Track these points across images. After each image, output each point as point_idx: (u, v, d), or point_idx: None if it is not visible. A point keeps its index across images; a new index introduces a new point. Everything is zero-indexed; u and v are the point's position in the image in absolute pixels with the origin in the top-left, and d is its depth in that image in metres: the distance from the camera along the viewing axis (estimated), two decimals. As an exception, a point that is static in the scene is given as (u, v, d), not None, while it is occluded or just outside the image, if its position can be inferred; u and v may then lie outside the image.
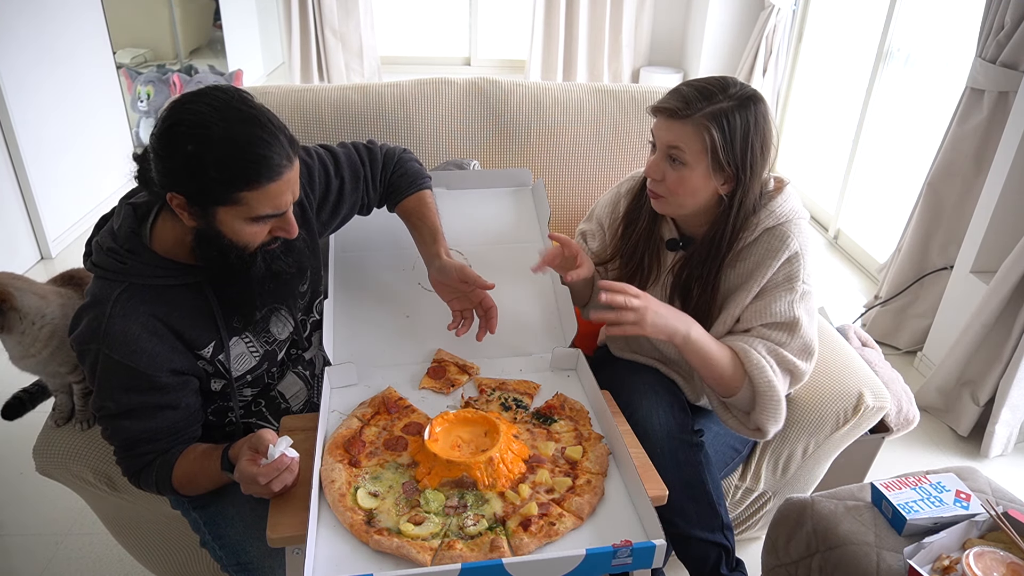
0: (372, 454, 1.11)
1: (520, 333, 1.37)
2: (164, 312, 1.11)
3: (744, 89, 1.20)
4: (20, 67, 2.97)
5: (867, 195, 3.32)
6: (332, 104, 1.83)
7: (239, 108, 1.00)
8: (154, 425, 1.12)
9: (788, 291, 1.26)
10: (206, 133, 0.97)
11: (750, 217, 1.26)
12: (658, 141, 1.24)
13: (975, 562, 1.08)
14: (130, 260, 1.10)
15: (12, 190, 3.02)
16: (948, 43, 2.80)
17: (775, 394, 1.24)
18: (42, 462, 1.35)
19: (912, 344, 2.64)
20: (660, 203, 1.29)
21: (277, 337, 1.27)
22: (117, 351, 1.07)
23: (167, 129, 0.99)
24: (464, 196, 1.56)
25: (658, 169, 1.24)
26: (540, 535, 0.96)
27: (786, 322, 1.26)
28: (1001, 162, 2.15)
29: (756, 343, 1.26)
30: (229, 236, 1.05)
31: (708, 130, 1.17)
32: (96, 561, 1.82)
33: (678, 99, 1.19)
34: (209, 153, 0.97)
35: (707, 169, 1.20)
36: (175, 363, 1.12)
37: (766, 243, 1.26)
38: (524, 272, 1.44)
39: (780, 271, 1.26)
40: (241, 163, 0.98)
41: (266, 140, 0.99)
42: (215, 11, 4.21)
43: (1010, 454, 2.23)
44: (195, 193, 1.01)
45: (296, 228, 1.11)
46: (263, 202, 1.02)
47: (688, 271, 1.32)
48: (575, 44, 4.54)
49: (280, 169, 1.01)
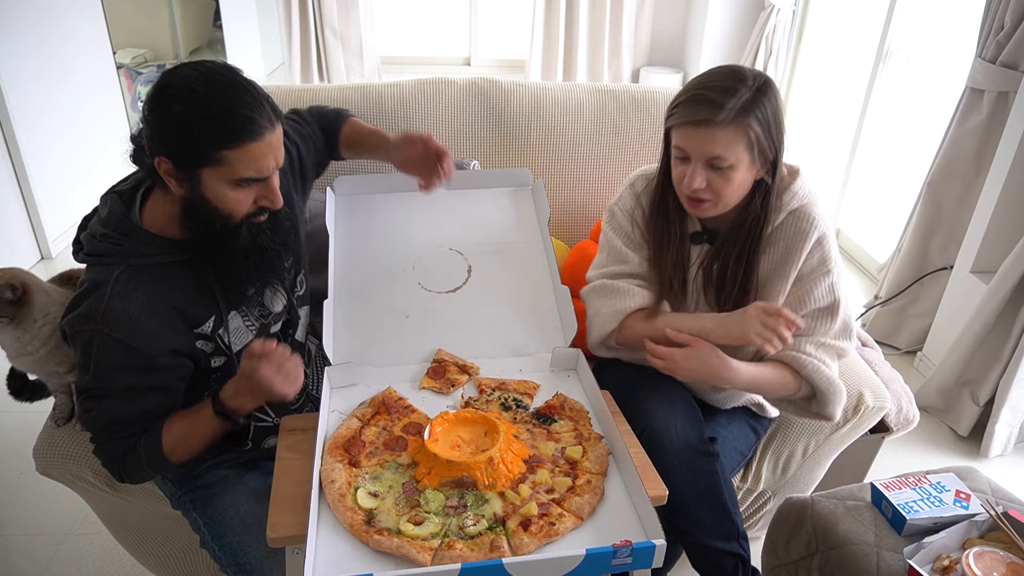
0: (372, 454, 1.11)
1: (520, 333, 1.37)
2: (163, 290, 1.13)
3: (756, 74, 1.19)
4: (20, 67, 2.97)
5: (867, 195, 3.32)
6: (332, 104, 1.82)
7: (224, 74, 1.05)
8: (144, 407, 1.13)
9: (824, 274, 1.28)
10: (192, 95, 1.02)
11: (776, 200, 1.27)
12: (692, 152, 1.20)
13: (975, 562, 1.08)
14: (125, 242, 1.12)
15: (12, 190, 3.02)
16: (948, 43, 2.80)
17: (834, 387, 1.28)
18: (42, 462, 1.35)
19: (912, 344, 2.64)
20: (704, 208, 1.25)
21: (272, 310, 1.29)
22: (117, 330, 1.08)
23: (156, 92, 1.04)
24: (464, 196, 1.56)
25: (700, 179, 1.20)
26: (540, 535, 0.96)
27: (827, 306, 1.29)
28: (1001, 162, 2.15)
29: (803, 344, 1.28)
30: (214, 202, 1.08)
31: (748, 127, 1.16)
32: (96, 561, 1.82)
33: (708, 106, 1.16)
34: (194, 113, 1.01)
35: (749, 162, 1.20)
36: (174, 343, 1.13)
37: (793, 225, 1.28)
38: (524, 272, 1.44)
39: (813, 255, 1.28)
40: (224, 121, 1.02)
41: (249, 103, 1.04)
42: (215, 11, 4.20)
43: (1010, 454, 2.23)
44: (181, 154, 1.04)
45: (280, 198, 1.13)
46: (245, 163, 1.05)
47: (720, 263, 1.30)
48: (575, 44, 4.54)
49: (261, 130, 1.04)
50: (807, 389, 1.30)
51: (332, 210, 1.47)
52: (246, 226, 1.13)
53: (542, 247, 1.48)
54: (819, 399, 1.30)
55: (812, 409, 1.34)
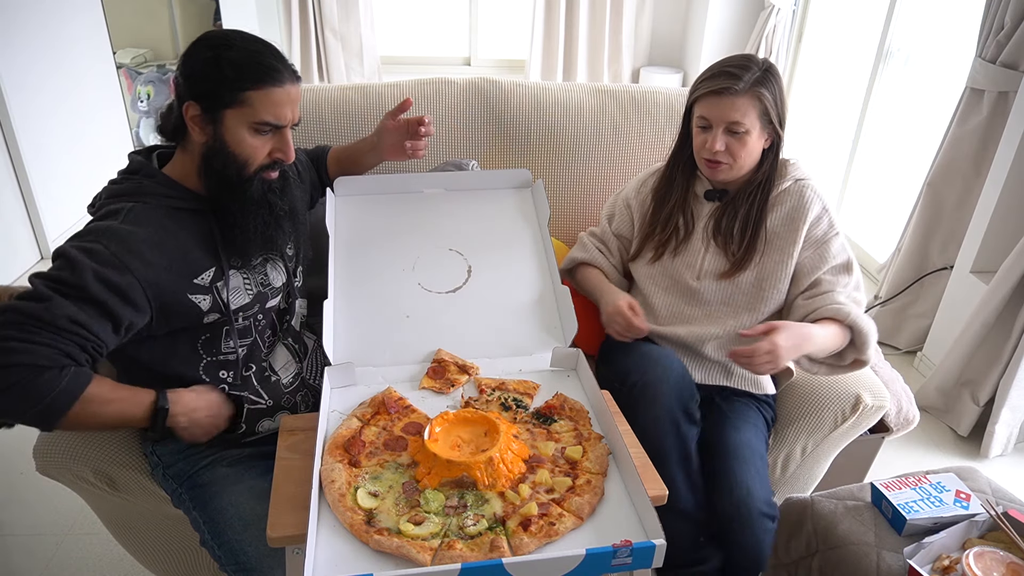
0: (372, 454, 1.11)
1: (520, 333, 1.37)
2: (172, 230, 1.18)
3: (763, 60, 1.42)
4: (20, 67, 2.97)
5: (867, 195, 3.32)
6: (332, 104, 1.83)
7: (255, 37, 1.19)
8: (95, 328, 1.07)
9: (835, 235, 1.46)
10: (225, 42, 1.15)
11: (782, 168, 1.48)
12: (715, 119, 1.40)
13: (975, 562, 1.08)
14: (145, 181, 1.20)
15: (12, 190, 3.02)
16: (948, 43, 2.80)
17: (871, 326, 1.40)
18: (42, 462, 1.35)
19: (912, 344, 2.64)
20: (721, 170, 1.44)
21: (272, 283, 1.33)
22: (115, 246, 1.11)
23: (193, 44, 1.16)
24: (464, 196, 1.56)
25: (721, 142, 1.40)
26: (540, 535, 0.96)
27: (843, 263, 1.45)
28: (1001, 162, 2.15)
29: (837, 296, 1.41)
30: (232, 147, 1.17)
31: (761, 96, 1.38)
32: (96, 561, 1.82)
33: (728, 78, 1.37)
34: (225, 55, 1.13)
35: (760, 129, 1.40)
36: (163, 282, 1.14)
37: (798, 191, 1.47)
38: (524, 272, 1.44)
39: (821, 220, 1.46)
40: (252, 64, 1.14)
41: (275, 55, 1.18)
42: (215, 11, 4.20)
43: (1010, 454, 2.23)
44: (208, 94, 1.14)
45: (293, 151, 1.23)
46: (266, 106, 1.15)
47: (728, 217, 1.48)
48: (575, 44, 4.54)
49: (283, 79, 1.16)
50: (848, 336, 1.40)
51: (332, 211, 1.47)
52: (258, 179, 1.21)
53: (542, 247, 1.48)
54: (858, 344, 1.40)
55: (847, 360, 1.43)
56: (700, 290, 1.50)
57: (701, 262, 1.51)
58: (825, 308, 1.41)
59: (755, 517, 1.30)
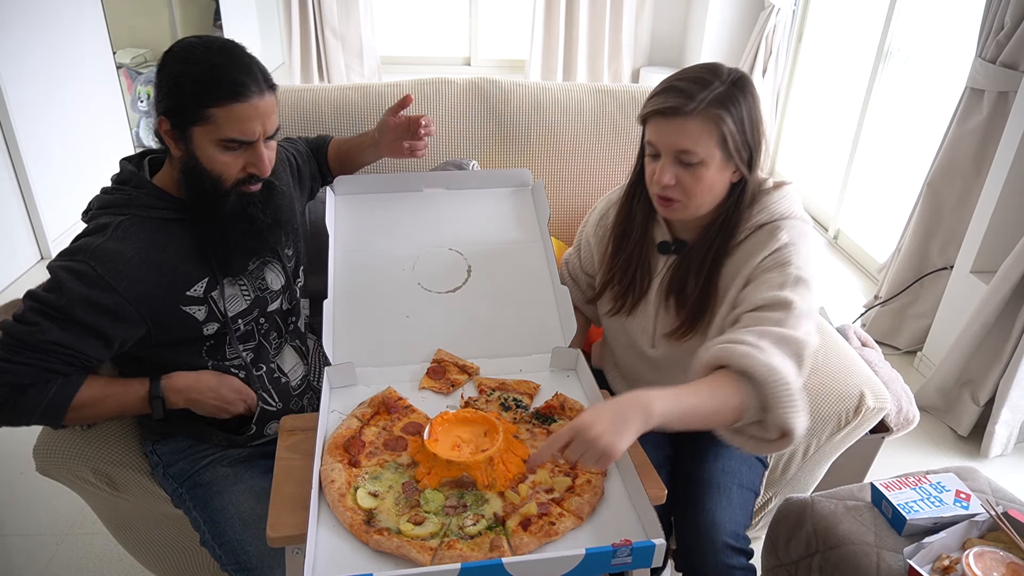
0: (372, 454, 1.11)
1: (520, 333, 1.37)
2: (162, 244, 1.17)
3: (732, 70, 1.15)
4: (20, 67, 2.97)
5: (867, 195, 3.32)
6: (332, 104, 1.83)
7: (223, 43, 1.13)
8: (83, 349, 1.13)
9: (779, 274, 1.13)
10: (189, 56, 1.11)
11: (747, 210, 1.19)
12: (661, 146, 1.15)
13: (975, 562, 1.08)
14: (135, 192, 1.18)
15: (12, 190, 3.02)
16: (948, 43, 2.80)
17: (779, 377, 1.01)
18: (42, 462, 1.35)
19: (912, 344, 2.64)
20: (675, 208, 1.19)
21: (270, 287, 1.31)
22: (102, 266, 1.10)
23: (163, 55, 1.13)
24: (464, 196, 1.56)
25: (669, 174, 1.15)
26: (540, 535, 0.96)
27: (778, 303, 1.10)
28: (1001, 162, 2.15)
29: (741, 334, 1.07)
30: (204, 164, 1.14)
31: (719, 118, 1.10)
32: (96, 561, 1.82)
33: (677, 95, 1.11)
34: (188, 72, 1.09)
35: (721, 160, 1.14)
36: (153, 298, 1.15)
37: (755, 238, 1.19)
38: (524, 272, 1.44)
39: (769, 258, 1.16)
40: (213, 81, 1.09)
41: (239, 67, 1.11)
42: (215, 11, 4.20)
43: (1010, 454, 2.23)
44: (175, 111, 1.11)
45: (267, 166, 1.18)
46: (231, 123, 1.10)
47: (683, 270, 1.25)
48: (575, 44, 4.54)
49: (248, 93, 1.10)
50: (752, 396, 1.03)
51: (332, 210, 1.47)
52: (236, 193, 1.18)
53: (542, 247, 1.48)
54: (768, 402, 1.02)
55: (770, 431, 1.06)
56: (655, 357, 1.33)
57: (655, 326, 1.31)
58: (709, 353, 1.07)
59: (719, 549, 1.20)
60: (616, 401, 0.97)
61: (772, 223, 1.19)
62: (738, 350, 1.04)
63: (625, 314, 1.34)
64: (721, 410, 1.02)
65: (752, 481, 1.35)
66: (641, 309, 1.32)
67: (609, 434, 0.92)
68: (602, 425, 0.92)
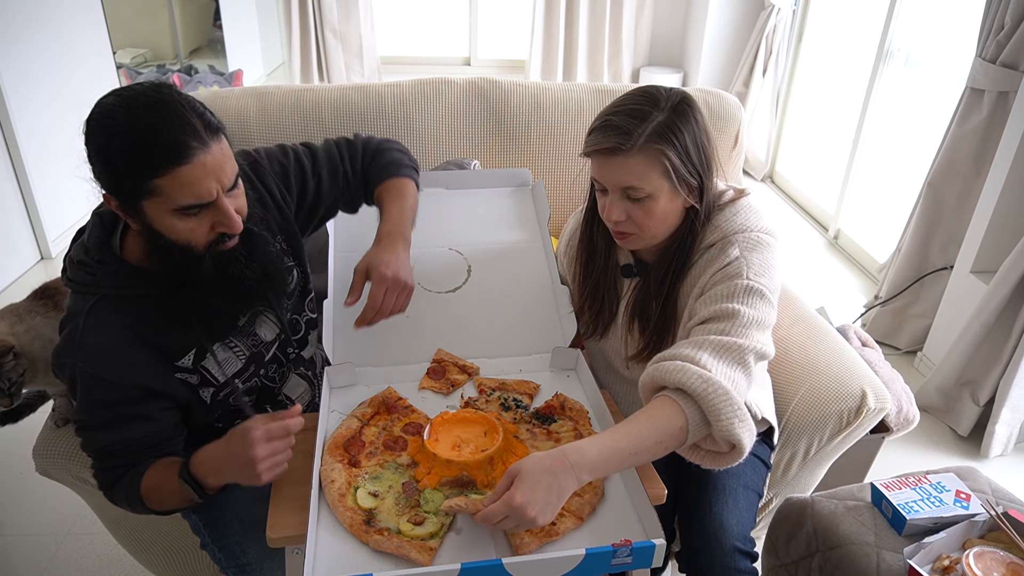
0: (372, 454, 1.11)
1: (520, 333, 1.36)
2: (138, 323, 1.08)
3: (671, 93, 1.12)
4: (20, 67, 2.97)
5: (867, 195, 3.32)
6: (332, 104, 1.83)
7: (148, 95, 0.96)
8: (129, 436, 1.09)
9: (726, 286, 1.11)
10: (110, 124, 0.96)
11: (702, 230, 1.19)
12: (607, 183, 1.14)
13: (975, 562, 1.08)
14: (99, 271, 1.07)
15: (12, 190, 3.02)
16: (948, 43, 2.80)
17: (715, 387, 0.98)
18: (42, 462, 1.35)
19: (912, 344, 2.64)
20: (631, 241, 1.19)
21: (263, 339, 1.24)
22: (91, 364, 1.05)
23: (85, 126, 0.99)
24: (464, 196, 1.56)
25: (619, 211, 1.14)
26: (540, 535, 0.96)
27: (724, 314, 1.08)
28: (1001, 162, 2.15)
29: (679, 348, 1.06)
30: (167, 234, 1.01)
31: (661, 152, 1.08)
32: (96, 561, 1.82)
33: (615, 133, 1.09)
34: (112, 144, 0.95)
35: (670, 190, 1.12)
36: (150, 377, 1.09)
37: (708, 255, 1.18)
38: (524, 272, 1.44)
39: (719, 272, 1.15)
40: (145, 149, 0.94)
41: (172, 124, 0.95)
42: (215, 11, 4.21)
43: (1010, 454, 2.23)
44: (116, 190, 0.99)
45: (237, 221, 1.03)
46: (180, 190, 0.96)
47: (644, 293, 1.25)
48: (575, 44, 4.54)
49: (189, 152, 0.95)
50: (695, 413, 0.99)
51: (332, 210, 1.47)
52: (211, 256, 1.05)
53: (542, 247, 1.48)
54: (709, 414, 0.98)
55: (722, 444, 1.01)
56: (631, 379, 1.34)
57: (625, 348, 1.32)
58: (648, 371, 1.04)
59: (727, 552, 1.19)
60: (548, 469, 0.92)
61: (724, 239, 1.17)
62: (670, 367, 1.01)
63: (599, 337, 1.36)
64: (664, 438, 0.99)
65: (756, 483, 1.35)
66: (612, 332, 1.34)
67: (543, 514, 0.90)
68: (537, 506, 0.90)
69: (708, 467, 1.06)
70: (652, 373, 1.04)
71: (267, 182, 1.25)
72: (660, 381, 1.02)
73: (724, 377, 1.01)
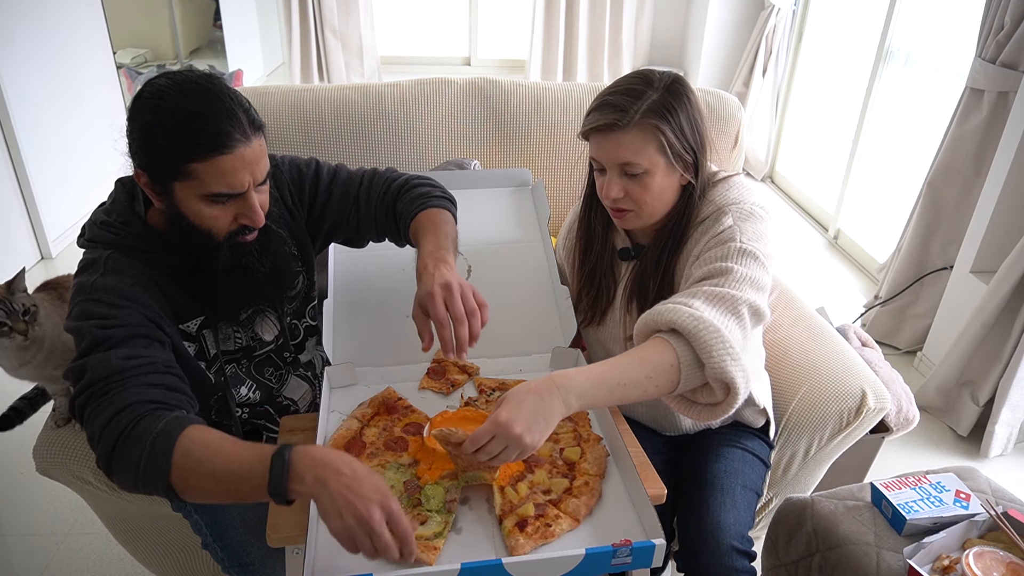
0: (373, 455, 1.11)
1: (520, 333, 1.36)
2: (155, 274, 1.08)
3: (665, 74, 1.16)
4: (20, 67, 2.97)
5: (867, 195, 3.32)
6: (332, 104, 1.83)
7: (199, 83, 0.99)
8: (148, 353, 0.99)
9: (720, 250, 1.13)
10: (160, 103, 0.98)
11: (696, 209, 1.21)
12: (605, 161, 1.17)
13: (975, 562, 1.08)
14: (124, 231, 1.09)
15: (12, 190, 3.02)
16: (948, 43, 2.80)
17: (707, 324, 0.99)
18: (42, 462, 1.35)
19: (912, 344, 2.64)
20: (628, 219, 1.22)
21: (262, 337, 1.25)
22: (108, 296, 1.02)
23: (132, 103, 1.01)
24: (464, 196, 1.55)
25: (617, 188, 1.17)
26: (536, 536, 0.96)
27: (717, 271, 1.10)
28: (1001, 162, 2.15)
29: (672, 298, 1.08)
30: (191, 218, 1.03)
31: (656, 127, 1.12)
32: (96, 561, 1.82)
33: (611, 111, 1.13)
34: (159, 123, 0.97)
35: (666, 166, 1.16)
36: (162, 320, 1.05)
37: (702, 227, 1.20)
38: (524, 272, 1.44)
39: (714, 239, 1.16)
40: (190, 133, 0.97)
41: (219, 113, 0.98)
42: (215, 11, 4.21)
43: (1010, 454, 2.23)
44: (152, 166, 1.01)
45: (261, 216, 1.06)
46: (216, 177, 0.99)
47: (642, 274, 1.27)
48: (575, 44, 4.54)
49: (232, 143, 0.98)
50: (686, 352, 1.00)
51: (332, 210, 1.47)
52: (228, 245, 1.08)
53: (542, 247, 1.48)
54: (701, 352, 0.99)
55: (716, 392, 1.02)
56: None
57: (624, 329, 1.33)
58: (641, 318, 1.06)
59: (724, 551, 1.19)
60: (534, 390, 0.94)
61: (718, 211, 1.19)
62: (662, 309, 1.03)
63: (596, 324, 1.37)
64: (655, 373, 1.00)
65: (755, 482, 1.35)
66: (610, 317, 1.35)
67: (530, 433, 0.91)
68: (523, 423, 0.90)
69: (707, 421, 1.08)
70: (644, 319, 1.06)
71: (280, 186, 1.27)
72: (652, 325, 1.04)
73: (716, 320, 1.01)
